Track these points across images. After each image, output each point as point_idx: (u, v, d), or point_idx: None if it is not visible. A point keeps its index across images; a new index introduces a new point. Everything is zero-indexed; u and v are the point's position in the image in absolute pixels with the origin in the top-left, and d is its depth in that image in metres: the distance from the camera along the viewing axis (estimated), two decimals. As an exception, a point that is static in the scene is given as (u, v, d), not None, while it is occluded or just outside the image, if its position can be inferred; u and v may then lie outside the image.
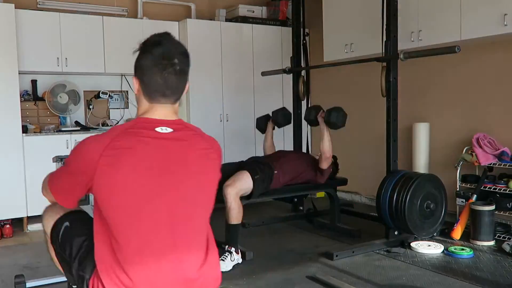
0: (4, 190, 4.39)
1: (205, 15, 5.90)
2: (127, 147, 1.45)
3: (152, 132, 1.50)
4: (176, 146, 1.52)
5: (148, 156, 1.47)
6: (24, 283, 2.93)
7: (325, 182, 4.11)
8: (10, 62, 4.42)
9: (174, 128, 1.53)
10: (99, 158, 1.42)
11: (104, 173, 1.43)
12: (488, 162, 3.90)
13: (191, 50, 5.47)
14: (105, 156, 1.43)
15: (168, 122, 1.54)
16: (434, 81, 4.68)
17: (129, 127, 1.50)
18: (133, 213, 1.46)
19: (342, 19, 5.07)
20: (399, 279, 3.07)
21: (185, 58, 1.57)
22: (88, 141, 1.49)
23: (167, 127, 1.52)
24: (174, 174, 1.50)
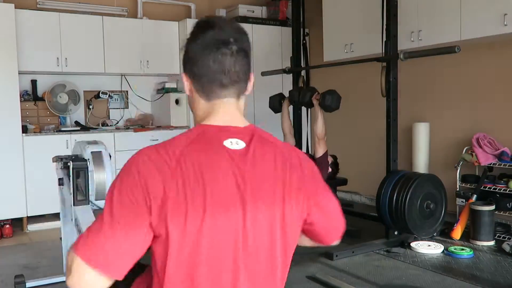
0: (4, 190, 4.39)
1: (205, 15, 5.89)
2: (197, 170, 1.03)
3: (220, 148, 1.08)
4: (250, 165, 1.09)
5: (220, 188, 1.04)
6: (24, 283, 2.94)
7: (325, 180, 4.09)
8: (10, 62, 4.42)
9: (247, 141, 1.12)
10: (163, 188, 1.00)
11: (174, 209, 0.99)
12: (488, 162, 3.90)
13: (191, 50, 5.32)
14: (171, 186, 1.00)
15: (238, 131, 1.13)
16: (434, 81, 4.68)
17: (194, 140, 1.09)
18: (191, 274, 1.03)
19: (342, 19, 5.06)
20: (399, 279, 3.07)
21: (243, 35, 1.18)
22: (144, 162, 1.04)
23: (237, 138, 1.11)
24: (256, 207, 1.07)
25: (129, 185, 1.01)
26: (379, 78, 3.76)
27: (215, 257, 1.03)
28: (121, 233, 0.98)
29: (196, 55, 1.15)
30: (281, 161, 1.14)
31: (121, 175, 1.04)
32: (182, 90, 5.50)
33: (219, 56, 1.12)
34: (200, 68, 1.15)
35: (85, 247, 0.99)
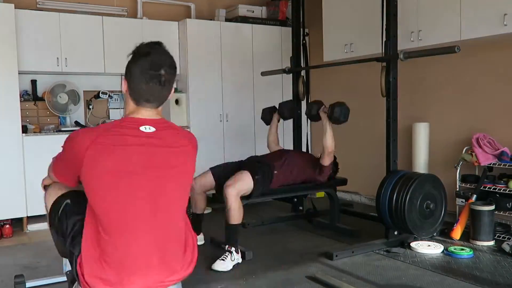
0: (4, 190, 4.39)
1: (205, 15, 5.90)
2: (112, 144, 1.64)
3: (136, 131, 1.69)
4: (158, 144, 1.71)
5: (130, 154, 1.66)
6: (24, 283, 2.93)
7: (325, 181, 4.10)
8: (10, 62, 4.42)
9: (156, 127, 1.73)
10: (86, 150, 1.62)
11: (89, 164, 1.63)
12: (488, 162, 3.90)
13: (190, 50, 5.51)
14: (91, 149, 1.62)
15: (152, 121, 1.73)
16: (434, 81, 4.68)
17: (116, 125, 1.70)
18: (115, 201, 1.66)
19: (342, 19, 5.07)
20: (398, 279, 3.07)
21: (172, 69, 1.74)
22: (79, 133, 1.71)
23: (150, 126, 1.72)
24: (155, 168, 1.70)
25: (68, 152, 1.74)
26: (379, 78, 3.76)
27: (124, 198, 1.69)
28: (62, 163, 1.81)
29: (135, 76, 1.71)
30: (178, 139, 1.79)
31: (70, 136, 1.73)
32: (182, 90, 5.50)
33: (151, 84, 1.70)
34: (135, 85, 1.72)
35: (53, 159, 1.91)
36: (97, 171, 1.63)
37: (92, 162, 1.62)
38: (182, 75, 5.50)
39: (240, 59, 5.72)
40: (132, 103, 1.75)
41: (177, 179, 1.78)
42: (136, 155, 1.67)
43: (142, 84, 1.69)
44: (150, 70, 1.68)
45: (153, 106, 1.75)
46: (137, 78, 1.69)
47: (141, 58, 1.70)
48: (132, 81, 1.71)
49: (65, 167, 1.76)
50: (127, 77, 1.73)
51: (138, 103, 1.73)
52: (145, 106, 1.73)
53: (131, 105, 1.75)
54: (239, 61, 5.71)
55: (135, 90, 1.71)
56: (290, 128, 5.07)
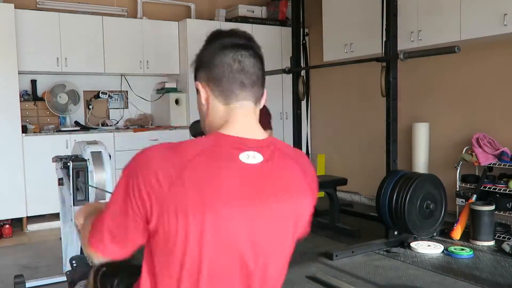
0: (4, 190, 4.39)
1: (205, 15, 5.90)
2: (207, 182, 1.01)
3: (235, 160, 1.05)
4: (265, 181, 1.08)
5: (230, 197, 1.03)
6: (24, 283, 2.93)
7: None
8: (9, 62, 4.42)
9: (264, 155, 1.09)
10: (168, 189, 0.99)
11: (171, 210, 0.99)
12: (488, 162, 3.90)
13: (191, 50, 5.52)
14: (175, 187, 0.99)
15: (257, 144, 1.10)
16: (434, 81, 4.68)
17: (207, 148, 1.05)
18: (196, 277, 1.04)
19: (341, 19, 5.06)
20: (398, 279, 3.07)
21: (258, 45, 1.25)
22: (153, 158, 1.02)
23: (255, 151, 1.08)
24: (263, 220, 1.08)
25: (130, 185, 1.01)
26: (379, 78, 3.76)
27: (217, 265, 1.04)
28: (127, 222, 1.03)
29: (214, 57, 1.13)
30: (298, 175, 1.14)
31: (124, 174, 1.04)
32: (182, 90, 5.50)
33: (239, 56, 1.13)
34: (219, 68, 1.12)
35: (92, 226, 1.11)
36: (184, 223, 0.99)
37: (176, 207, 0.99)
38: (182, 75, 5.50)
39: (240, 59, 5.70)
40: (221, 106, 1.14)
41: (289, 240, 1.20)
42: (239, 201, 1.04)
43: (229, 58, 1.12)
44: (234, 43, 1.15)
45: (251, 97, 1.15)
46: (220, 55, 1.13)
47: (216, 39, 1.18)
48: (214, 67, 1.13)
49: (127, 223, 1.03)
50: (202, 75, 1.17)
51: (229, 96, 1.13)
52: (238, 98, 1.13)
53: (219, 111, 1.14)
54: (239, 61, 5.70)
55: (222, 76, 1.12)
56: (290, 129, 5.07)
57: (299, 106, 4.77)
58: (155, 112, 5.64)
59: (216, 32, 1.19)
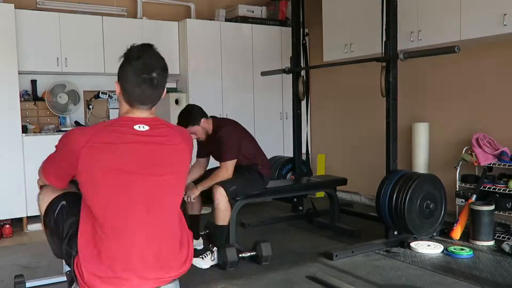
0: (4, 190, 4.39)
1: (205, 15, 5.90)
2: (107, 142, 1.68)
3: (131, 129, 1.73)
4: (152, 142, 1.76)
5: (124, 153, 1.70)
6: (24, 283, 2.94)
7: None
8: (10, 62, 4.42)
9: (150, 126, 1.77)
10: (81, 148, 1.65)
11: (85, 163, 1.66)
12: (488, 162, 3.90)
13: (190, 50, 5.50)
14: (86, 147, 1.65)
15: (146, 120, 1.78)
16: (434, 81, 4.68)
17: (112, 123, 1.74)
18: (111, 198, 1.70)
19: (341, 19, 5.07)
20: (398, 279, 3.07)
21: (164, 72, 1.78)
22: (73, 132, 1.73)
23: (144, 124, 1.76)
24: (150, 166, 1.74)
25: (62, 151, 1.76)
26: (379, 78, 3.76)
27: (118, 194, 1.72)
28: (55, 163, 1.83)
29: (127, 79, 1.76)
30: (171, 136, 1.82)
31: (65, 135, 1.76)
32: (182, 90, 5.50)
33: (144, 87, 1.74)
34: (128, 89, 1.77)
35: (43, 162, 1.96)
36: (93, 169, 1.67)
37: (88, 160, 1.66)
38: (182, 75, 5.50)
39: (240, 59, 5.71)
40: (126, 105, 1.80)
41: (172, 176, 1.81)
42: (131, 153, 1.71)
43: (135, 88, 1.73)
44: (143, 73, 1.72)
45: (147, 108, 1.80)
46: (130, 81, 1.74)
47: (132, 61, 1.74)
48: (125, 84, 1.76)
49: (59, 167, 1.79)
50: (120, 80, 1.79)
51: (132, 105, 1.78)
52: (138, 107, 1.78)
53: (125, 106, 1.81)
54: (239, 61, 5.71)
55: (128, 93, 1.76)
56: (290, 129, 5.07)
57: (299, 106, 4.77)
58: (155, 112, 5.63)
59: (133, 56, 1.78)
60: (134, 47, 1.78)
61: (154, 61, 1.76)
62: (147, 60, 1.74)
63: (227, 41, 5.61)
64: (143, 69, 1.72)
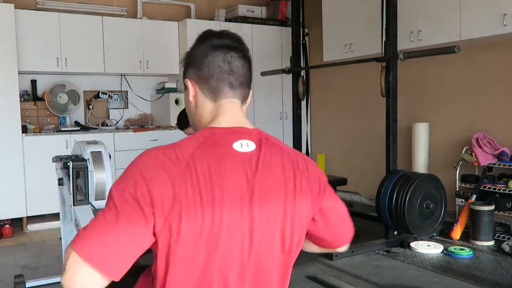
0: (4, 190, 4.39)
1: (205, 15, 5.90)
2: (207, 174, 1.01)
3: (230, 151, 1.06)
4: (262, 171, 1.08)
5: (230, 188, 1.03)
6: (24, 283, 2.94)
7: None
8: (10, 62, 4.42)
9: (256, 143, 1.10)
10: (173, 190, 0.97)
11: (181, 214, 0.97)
12: (488, 162, 3.90)
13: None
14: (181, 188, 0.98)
15: (247, 132, 1.12)
16: (433, 81, 4.68)
17: (202, 143, 1.06)
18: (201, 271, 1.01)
19: (341, 19, 5.07)
20: (398, 279, 3.07)
21: (247, 47, 1.25)
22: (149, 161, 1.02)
23: (248, 140, 1.09)
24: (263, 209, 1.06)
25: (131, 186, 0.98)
26: (379, 78, 3.76)
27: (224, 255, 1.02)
28: (121, 230, 0.94)
29: (204, 56, 1.17)
30: (289, 165, 1.12)
31: (124, 175, 1.01)
32: (182, 90, 5.50)
33: (229, 57, 1.16)
34: (209, 68, 1.16)
35: (82, 241, 0.94)
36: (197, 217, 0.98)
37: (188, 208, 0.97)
38: (182, 75, 5.49)
39: (240, 59, 5.70)
40: (209, 102, 1.17)
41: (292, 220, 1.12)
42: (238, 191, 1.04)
43: (218, 59, 1.15)
44: (224, 44, 1.18)
45: (238, 96, 1.17)
46: (209, 54, 1.16)
47: (207, 39, 1.20)
48: (203, 63, 1.17)
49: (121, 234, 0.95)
50: (191, 72, 1.22)
51: (218, 94, 1.15)
52: (227, 96, 1.15)
53: (208, 107, 1.17)
54: (239, 61, 5.70)
55: (211, 75, 1.16)
56: (290, 129, 5.07)
57: (299, 106, 4.76)
58: (155, 112, 5.64)
59: (207, 32, 1.22)
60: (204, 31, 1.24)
61: (233, 35, 1.24)
62: (226, 34, 1.22)
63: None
64: (224, 42, 1.19)
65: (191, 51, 1.22)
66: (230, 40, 1.20)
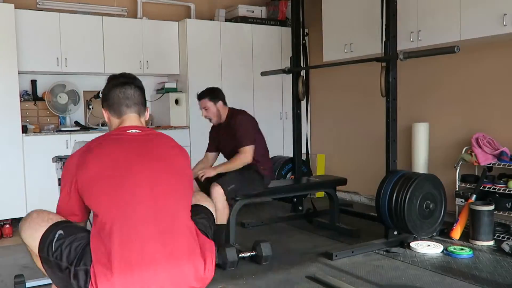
0: (4, 190, 4.39)
1: (205, 15, 5.90)
2: (96, 144, 1.79)
3: (123, 133, 1.84)
4: (144, 139, 1.84)
5: (116, 148, 1.78)
6: (24, 283, 2.94)
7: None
8: (10, 62, 4.43)
9: (142, 130, 1.87)
10: (76, 165, 1.75)
11: (83, 172, 1.72)
12: (488, 162, 3.90)
13: (190, 50, 5.50)
14: (80, 160, 1.75)
15: (137, 127, 1.88)
16: (433, 81, 4.68)
17: (100, 137, 1.84)
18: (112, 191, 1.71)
19: (341, 19, 5.07)
20: (398, 279, 3.07)
21: (141, 84, 1.98)
22: (68, 159, 1.84)
23: (136, 129, 1.86)
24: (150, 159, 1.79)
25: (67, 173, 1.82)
26: (379, 78, 3.76)
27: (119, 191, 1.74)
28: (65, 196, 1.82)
29: (109, 92, 1.93)
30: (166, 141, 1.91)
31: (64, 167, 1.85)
32: (181, 90, 5.50)
33: (123, 89, 1.91)
34: (112, 99, 1.92)
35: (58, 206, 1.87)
36: (93, 172, 1.72)
37: (85, 168, 1.73)
38: (182, 75, 5.50)
39: (240, 59, 5.72)
40: (116, 120, 1.93)
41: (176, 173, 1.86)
42: (129, 149, 1.78)
43: (117, 92, 1.90)
44: (122, 78, 1.94)
45: (134, 111, 1.93)
46: (112, 91, 1.91)
47: (111, 80, 1.96)
48: (109, 97, 1.92)
49: (67, 194, 1.79)
50: (104, 102, 1.94)
51: (120, 113, 1.91)
52: (126, 112, 1.91)
53: (116, 123, 1.93)
54: (239, 61, 5.71)
55: (113, 102, 1.91)
56: (290, 129, 5.07)
57: (299, 106, 4.77)
58: (155, 112, 5.64)
59: (111, 77, 1.98)
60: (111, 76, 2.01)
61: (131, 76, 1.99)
62: (124, 75, 1.98)
63: (227, 41, 5.61)
64: (122, 79, 1.94)
65: (103, 91, 1.96)
66: (124, 78, 1.94)
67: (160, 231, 1.71)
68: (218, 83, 5.56)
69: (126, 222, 1.68)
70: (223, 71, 5.60)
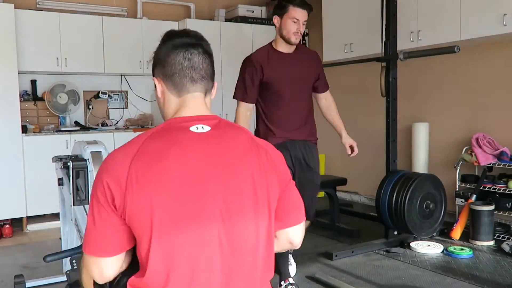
0: (4, 190, 4.39)
1: (205, 15, 5.90)
2: (158, 152, 1.14)
3: (186, 133, 1.19)
4: (218, 147, 1.20)
5: (180, 164, 1.14)
6: (24, 283, 2.93)
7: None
8: (9, 62, 4.42)
9: (211, 125, 1.23)
10: (127, 173, 1.11)
11: (134, 193, 1.10)
12: (488, 162, 3.90)
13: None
14: (133, 169, 1.12)
15: (204, 118, 1.24)
16: (433, 81, 4.68)
17: (159, 129, 1.21)
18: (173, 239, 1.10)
19: (341, 19, 5.07)
20: (398, 279, 3.07)
21: (207, 42, 1.37)
22: (112, 155, 1.18)
23: (203, 124, 1.22)
24: (218, 179, 1.16)
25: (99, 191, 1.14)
26: (379, 78, 3.76)
27: None
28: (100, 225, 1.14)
29: (167, 55, 1.29)
30: (250, 143, 1.25)
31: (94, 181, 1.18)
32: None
33: (189, 54, 1.27)
34: (171, 66, 1.27)
35: (85, 243, 1.18)
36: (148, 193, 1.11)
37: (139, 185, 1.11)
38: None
39: (240, 59, 5.67)
40: (174, 98, 1.29)
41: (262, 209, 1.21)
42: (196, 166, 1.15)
43: (179, 57, 1.27)
44: (184, 42, 1.30)
45: (199, 89, 1.29)
46: (172, 54, 1.28)
47: (169, 39, 1.34)
48: (166, 62, 1.28)
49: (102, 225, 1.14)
50: (157, 71, 1.31)
51: (180, 89, 1.27)
52: (189, 90, 1.28)
53: (173, 102, 1.29)
54: (239, 61, 5.69)
55: (174, 72, 1.27)
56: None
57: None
58: (155, 112, 5.64)
59: (169, 33, 1.36)
60: (166, 32, 1.41)
61: (193, 33, 1.36)
62: (186, 33, 1.35)
63: (227, 41, 5.61)
64: (185, 40, 1.31)
65: (156, 52, 1.34)
66: (189, 38, 1.31)
67: None
68: (218, 83, 5.56)
69: None
70: (222, 71, 5.60)
